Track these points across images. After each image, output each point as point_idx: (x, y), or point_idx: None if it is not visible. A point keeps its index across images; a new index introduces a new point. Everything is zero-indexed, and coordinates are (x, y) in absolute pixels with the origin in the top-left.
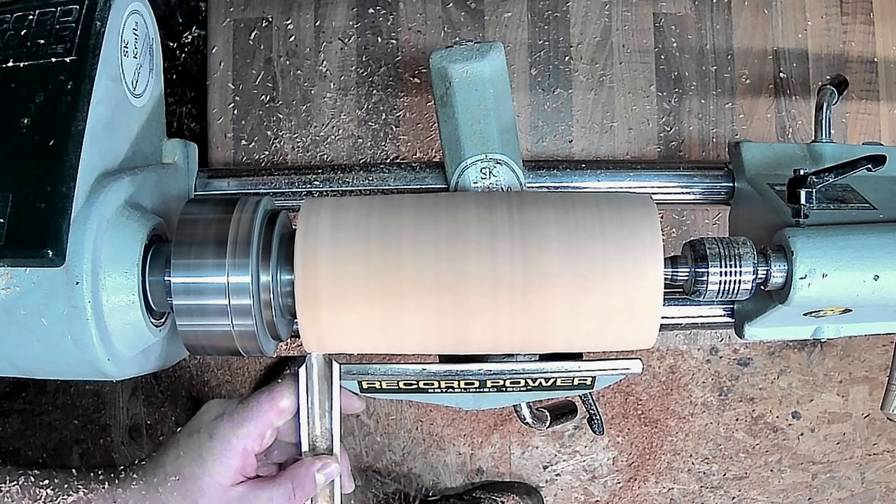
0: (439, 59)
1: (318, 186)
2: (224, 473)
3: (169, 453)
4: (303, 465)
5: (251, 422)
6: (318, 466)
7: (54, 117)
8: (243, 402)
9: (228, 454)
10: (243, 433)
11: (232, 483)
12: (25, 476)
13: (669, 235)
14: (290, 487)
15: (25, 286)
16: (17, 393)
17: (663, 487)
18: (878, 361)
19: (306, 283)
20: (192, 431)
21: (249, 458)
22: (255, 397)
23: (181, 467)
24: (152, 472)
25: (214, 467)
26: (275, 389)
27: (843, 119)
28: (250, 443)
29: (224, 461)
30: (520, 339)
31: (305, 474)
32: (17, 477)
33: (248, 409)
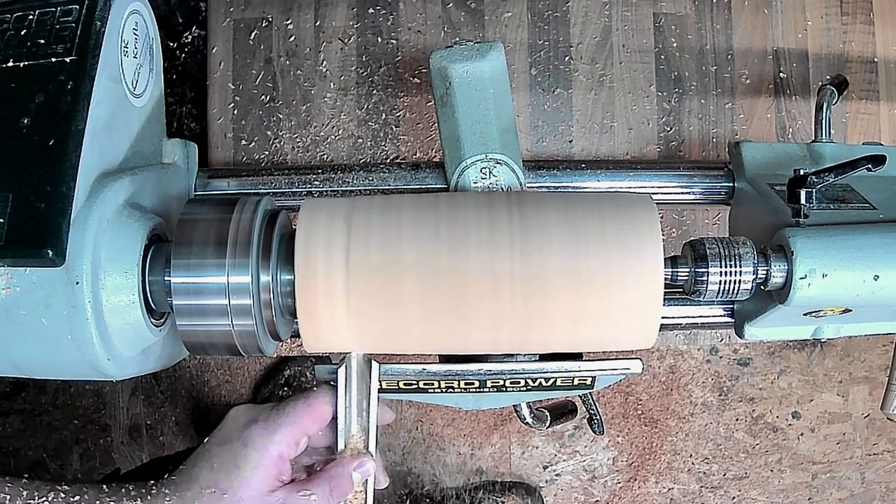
0: (439, 59)
1: (318, 186)
2: (262, 482)
3: (201, 465)
4: (339, 465)
5: (286, 428)
6: (355, 465)
7: (54, 117)
8: (277, 409)
9: (265, 462)
10: (279, 439)
11: (270, 490)
12: (55, 492)
13: (669, 235)
14: (327, 488)
15: (25, 286)
16: (17, 393)
17: (663, 487)
18: (878, 361)
19: (306, 282)
20: (223, 441)
21: (285, 464)
22: (290, 403)
23: (217, 480)
24: (185, 485)
25: (252, 476)
26: (311, 396)
27: (843, 119)
28: (286, 449)
29: (261, 469)
30: (520, 339)
31: (342, 474)
32: (48, 492)
33: (284, 415)
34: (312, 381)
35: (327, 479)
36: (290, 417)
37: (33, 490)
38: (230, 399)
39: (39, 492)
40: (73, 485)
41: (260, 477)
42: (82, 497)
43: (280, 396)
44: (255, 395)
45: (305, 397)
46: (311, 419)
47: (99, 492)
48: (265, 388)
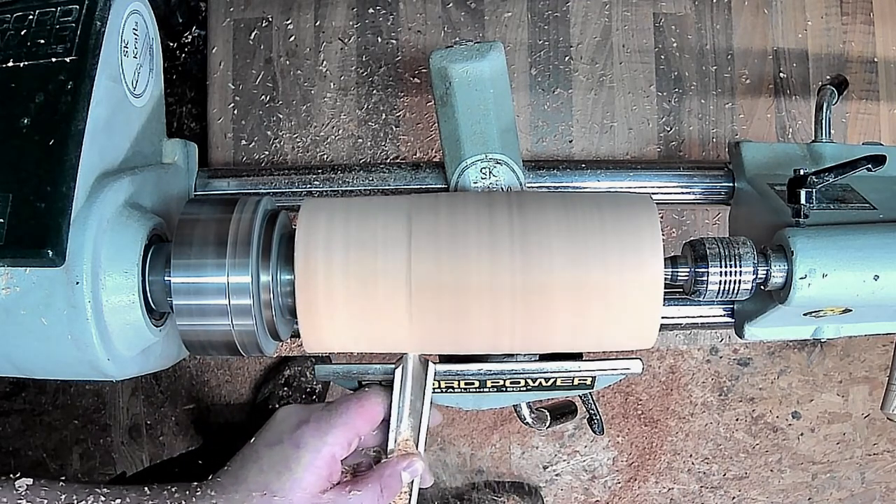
0: (439, 59)
1: (318, 186)
2: (314, 483)
3: (249, 467)
4: (389, 465)
5: (339, 428)
6: (404, 465)
7: (54, 117)
8: (329, 409)
9: (317, 463)
10: (332, 440)
11: (321, 491)
12: (95, 495)
13: (669, 235)
14: (377, 488)
15: (25, 286)
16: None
17: (663, 487)
18: (878, 361)
19: (306, 282)
20: (273, 442)
21: (336, 465)
22: (342, 403)
23: (268, 482)
24: (232, 488)
25: (304, 478)
26: (363, 396)
27: (843, 119)
28: (339, 450)
29: (313, 471)
30: (520, 339)
31: (392, 474)
32: (86, 496)
33: (336, 416)
34: (312, 381)
35: (377, 480)
36: (343, 418)
37: (71, 494)
38: (230, 399)
39: (78, 495)
40: (113, 487)
41: (312, 478)
42: (123, 500)
43: (280, 396)
44: (255, 395)
45: (358, 398)
46: (364, 420)
47: (140, 494)
48: (265, 388)
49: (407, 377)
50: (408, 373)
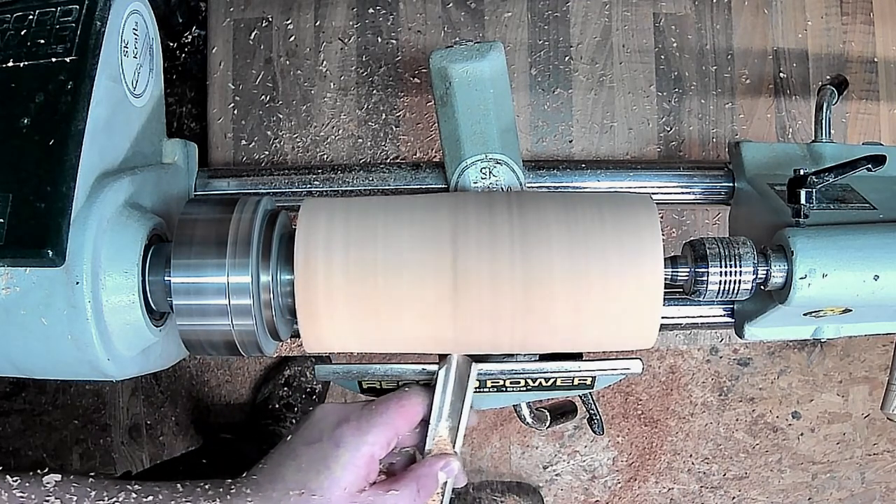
0: (439, 59)
1: (318, 186)
2: (352, 482)
3: (287, 465)
4: (426, 465)
5: (379, 428)
6: (441, 465)
7: (54, 117)
8: (369, 408)
9: (357, 462)
10: (372, 440)
11: (358, 490)
12: (126, 491)
13: (669, 235)
14: (414, 488)
15: (25, 286)
16: (17, 393)
17: (663, 487)
18: (878, 361)
19: (306, 282)
20: (311, 440)
21: (375, 464)
22: (382, 403)
23: (306, 480)
24: (269, 486)
25: (343, 477)
26: (403, 396)
27: (843, 119)
28: (378, 449)
29: (352, 470)
30: (520, 339)
31: (429, 473)
32: (117, 493)
33: (377, 415)
34: (312, 381)
35: (415, 479)
36: (384, 417)
37: (101, 490)
38: (230, 399)
39: (108, 492)
40: (144, 483)
41: (351, 477)
42: (155, 497)
43: (280, 396)
44: (255, 395)
45: (398, 397)
46: (405, 419)
47: (173, 491)
48: (265, 388)
49: (450, 377)
50: (451, 373)
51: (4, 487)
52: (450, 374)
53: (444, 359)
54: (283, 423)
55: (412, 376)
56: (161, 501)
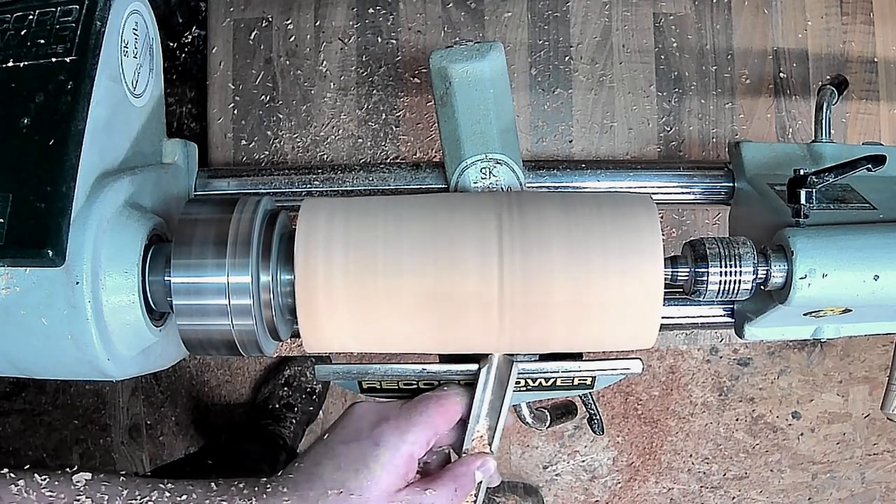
0: (439, 59)
1: (318, 186)
2: (391, 482)
3: (325, 464)
4: (463, 464)
5: (419, 427)
6: (478, 464)
7: (54, 117)
8: (408, 407)
9: (396, 462)
10: (412, 439)
11: (397, 490)
12: (159, 490)
13: (669, 235)
14: (452, 487)
15: (25, 286)
16: (17, 393)
17: (663, 487)
18: (878, 361)
19: (306, 282)
20: (350, 439)
21: (414, 464)
22: (421, 402)
23: (345, 479)
24: (307, 485)
25: (382, 476)
26: (443, 395)
27: (843, 119)
28: (417, 449)
29: (391, 469)
30: (520, 339)
31: (466, 473)
32: (150, 492)
33: (417, 414)
34: (313, 381)
35: (452, 479)
36: (424, 416)
37: (133, 489)
38: (230, 399)
39: (140, 490)
40: (178, 482)
41: (390, 477)
42: (189, 496)
43: (280, 396)
44: (255, 395)
45: (438, 396)
46: (444, 419)
47: (207, 490)
48: (265, 388)
49: (490, 376)
50: (491, 372)
51: (33, 486)
52: (490, 374)
53: (485, 358)
54: (283, 423)
55: (412, 376)
56: (195, 500)
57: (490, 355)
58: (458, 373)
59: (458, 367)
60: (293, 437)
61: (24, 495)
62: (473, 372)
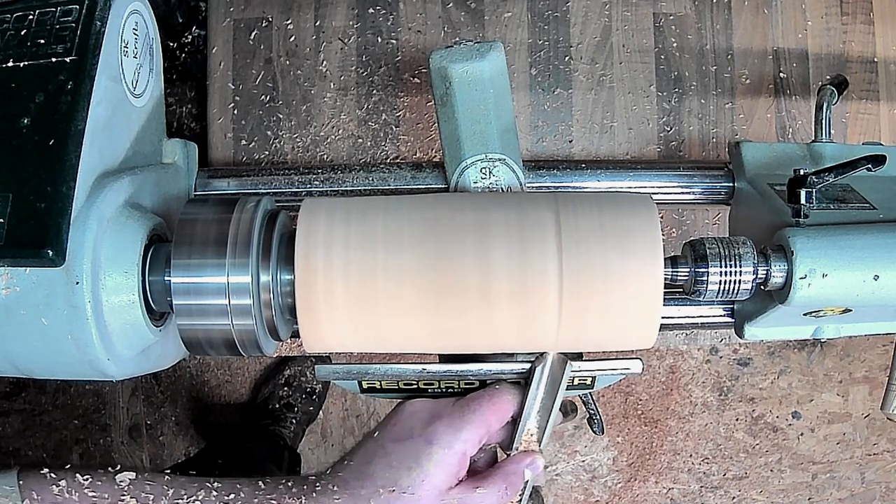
0: (439, 59)
1: (318, 186)
2: (444, 480)
3: (377, 462)
4: (513, 462)
5: (473, 425)
6: (528, 462)
7: (54, 117)
8: (462, 405)
9: (449, 460)
10: (465, 437)
11: (448, 488)
12: (206, 489)
13: (669, 235)
14: (502, 485)
15: (25, 286)
16: (17, 393)
17: (663, 487)
18: (878, 361)
19: (306, 282)
20: (402, 437)
21: (466, 462)
22: (474, 400)
23: (397, 477)
24: (357, 483)
25: (436, 474)
26: (495, 393)
27: (843, 119)
28: (470, 447)
29: (444, 467)
30: (519, 339)
31: (516, 471)
32: (196, 490)
33: (470, 412)
34: (313, 381)
35: (503, 477)
36: (477, 415)
37: (179, 488)
38: (230, 399)
39: (186, 490)
40: (225, 481)
41: (443, 475)
42: (237, 495)
43: (280, 396)
44: (255, 395)
45: (490, 394)
46: (497, 417)
47: (255, 488)
48: (265, 388)
49: (544, 375)
50: (545, 371)
51: (75, 487)
52: (545, 372)
53: (540, 357)
54: (284, 423)
55: (412, 376)
56: (243, 499)
57: (545, 353)
58: (510, 371)
59: (458, 367)
60: (293, 437)
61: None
62: (524, 371)
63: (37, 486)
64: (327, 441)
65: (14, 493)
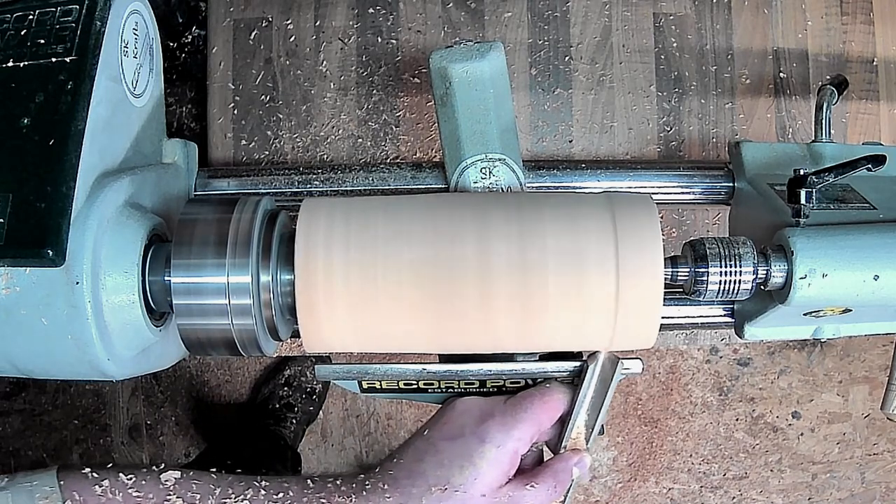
0: (439, 59)
1: (318, 186)
2: (496, 478)
3: (428, 461)
4: (562, 460)
5: (525, 424)
6: (575, 460)
7: (54, 117)
8: (514, 403)
9: (501, 458)
10: (517, 435)
11: (499, 486)
12: (254, 488)
13: (669, 235)
14: (552, 483)
15: (25, 286)
16: (17, 393)
17: (663, 487)
18: (878, 361)
19: (306, 282)
20: (453, 436)
21: (517, 460)
22: (525, 398)
23: (450, 476)
24: (408, 482)
25: (488, 473)
26: (546, 392)
27: (843, 119)
28: (522, 446)
29: (496, 466)
30: (519, 339)
31: (565, 469)
32: (244, 490)
33: (522, 411)
34: (313, 381)
35: (552, 474)
36: (528, 413)
37: (226, 487)
38: (230, 399)
39: (234, 488)
40: (272, 479)
41: (495, 473)
42: (286, 494)
43: (280, 396)
44: (254, 395)
45: (541, 393)
46: (548, 416)
47: (303, 487)
48: (265, 388)
49: (595, 374)
50: (597, 369)
51: (118, 487)
52: (595, 371)
53: (592, 355)
54: (284, 423)
55: (412, 376)
56: (292, 497)
57: (597, 352)
58: (559, 370)
59: (458, 367)
60: (293, 437)
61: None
62: (573, 369)
63: (78, 487)
64: (327, 441)
65: (55, 493)
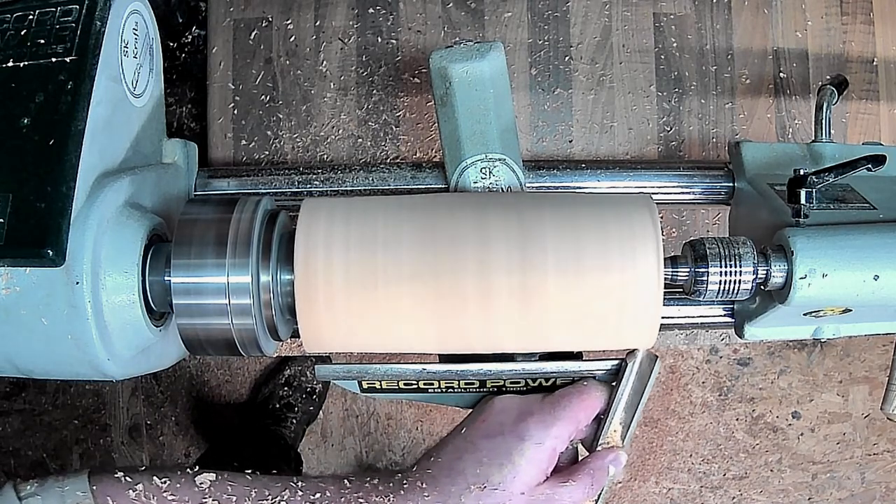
0: (439, 59)
1: (318, 186)
2: (534, 476)
3: (466, 459)
4: (598, 458)
5: (563, 422)
6: (611, 458)
7: (54, 117)
8: (552, 401)
9: (540, 456)
10: (556, 433)
11: (538, 483)
12: (291, 489)
13: (669, 235)
14: (589, 481)
15: (25, 286)
16: (17, 393)
17: (663, 487)
18: (878, 361)
19: (306, 282)
20: (492, 434)
21: (555, 458)
22: (564, 396)
23: (489, 474)
24: (448, 480)
25: (527, 470)
26: (583, 390)
27: (843, 119)
28: (560, 443)
29: (535, 463)
30: (519, 339)
31: (602, 466)
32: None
33: (560, 409)
34: (313, 381)
35: (589, 472)
36: (567, 411)
37: (262, 488)
38: (230, 399)
39: (270, 490)
40: (309, 479)
41: (533, 471)
42: (323, 494)
43: (280, 396)
44: (254, 395)
45: (579, 391)
46: (586, 413)
47: (340, 486)
48: (265, 388)
49: (633, 372)
50: (635, 368)
51: (153, 490)
52: (633, 369)
53: (630, 353)
54: (284, 423)
55: (412, 376)
56: (330, 498)
57: (636, 350)
58: (598, 368)
59: (458, 367)
60: (293, 437)
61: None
62: (611, 368)
63: (111, 491)
64: (327, 441)
65: (87, 499)
